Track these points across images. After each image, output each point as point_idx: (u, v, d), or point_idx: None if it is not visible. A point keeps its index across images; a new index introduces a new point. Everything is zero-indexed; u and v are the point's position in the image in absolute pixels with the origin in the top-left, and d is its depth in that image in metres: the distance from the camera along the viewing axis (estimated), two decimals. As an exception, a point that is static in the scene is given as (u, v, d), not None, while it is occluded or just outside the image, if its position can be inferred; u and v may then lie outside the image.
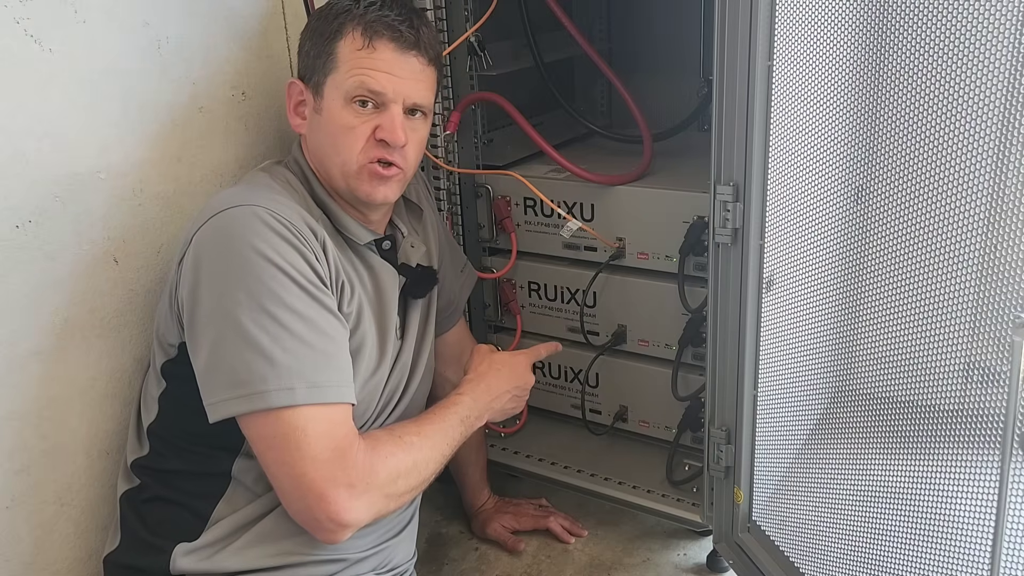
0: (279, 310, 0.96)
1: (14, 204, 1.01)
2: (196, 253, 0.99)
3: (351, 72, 1.05)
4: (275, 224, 0.99)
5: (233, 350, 0.95)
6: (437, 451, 1.09)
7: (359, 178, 1.08)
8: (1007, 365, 0.79)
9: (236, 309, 0.95)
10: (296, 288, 0.98)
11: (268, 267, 0.96)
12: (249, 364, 0.95)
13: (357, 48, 1.05)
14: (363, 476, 0.98)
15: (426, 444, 1.07)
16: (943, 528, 0.95)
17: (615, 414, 1.58)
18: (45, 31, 1.02)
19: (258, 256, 0.96)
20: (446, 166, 1.52)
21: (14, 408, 1.06)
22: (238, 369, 0.95)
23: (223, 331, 0.96)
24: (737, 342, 1.16)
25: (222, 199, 1.02)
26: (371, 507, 0.99)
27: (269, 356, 0.95)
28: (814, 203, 1.14)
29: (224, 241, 0.98)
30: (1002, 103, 0.85)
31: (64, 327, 1.09)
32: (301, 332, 0.96)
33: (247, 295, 0.95)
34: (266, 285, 0.96)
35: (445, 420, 1.12)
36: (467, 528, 1.55)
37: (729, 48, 1.04)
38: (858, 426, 1.17)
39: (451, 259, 1.37)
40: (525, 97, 1.57)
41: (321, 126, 1.08)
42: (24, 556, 1.10)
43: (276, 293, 0.96)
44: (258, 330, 0.95)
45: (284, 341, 0.95)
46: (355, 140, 1.06)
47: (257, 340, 0.94)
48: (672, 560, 1.45)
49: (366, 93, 1.05)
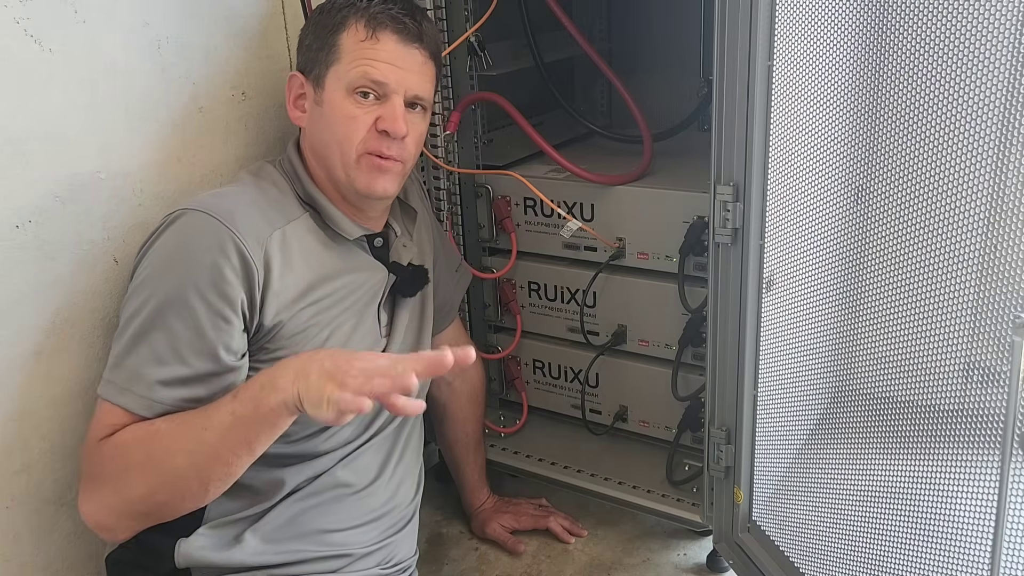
0: (159, 318, 0.97)
1: (14, 204, 1.01)
2: (146, 246, 1.03)
3: (354, 63, 1.06)
4: (208, 239, 0.99)
5: (117, 336, 1.00)
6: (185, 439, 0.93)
7: (358, 168, 1.08)
8: (1007, 365, 0.79)
9: (132, 301, 0.99)
10: (186, 310, 0.97)
11: (180, 282, 0.97)
12: (116, 352, 0.99)
13: (360, 39, 1.06)
14: (89, 471, 0.98)
15: (171, 430, 0.94)
16: (943, 528, 0.95)
17: (615, 414, 1.58)
18: (45, 31, 1.02)
19: (176, 263, 0.99)
20: (446, 166, 1.52)
21: (14, 408, 1.06)
22: (113, 353, 0.99)
23: (123, 317, 1.00)
24: (737, 342, 1.16)
25: (186, 202, 1.04)
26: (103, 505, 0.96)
27: (125, 353, 0.98)
28: (814, 203, 1.14)
29: (160, 238, 1.01)
30: (1002, 103, 0.85)
31: (64, 327, 1.09)
32: (160, 347, 0.97)
33: (147, 294, 0.98)
34: (166, 293, 0.97)
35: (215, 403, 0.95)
36: (467, 528, 1.55)
37: (729, 48, 1.04)
38: (858, 426, 1.17)
39: (446, 259, 1.37)
40: (525, 97, 1.57)
41: (321, 117, 1.09)
42: (24, 556, 1.10)
43: (171, 302, 0.97)
44: (136, 327, 0.98)
45: (140, 347, 0.97)
46: (356, 130, 1.07)
47: (130, 335, 0.98)
48: (672, 560, 1.45)
49: (369, 84, 1.06)
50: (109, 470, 0.95)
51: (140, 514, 0.96)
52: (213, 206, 1.01)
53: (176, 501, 0.96)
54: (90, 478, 0.98)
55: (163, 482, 0.94)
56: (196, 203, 1.02)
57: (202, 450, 0.92)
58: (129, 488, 0.94)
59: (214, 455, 0.93)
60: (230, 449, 0.92)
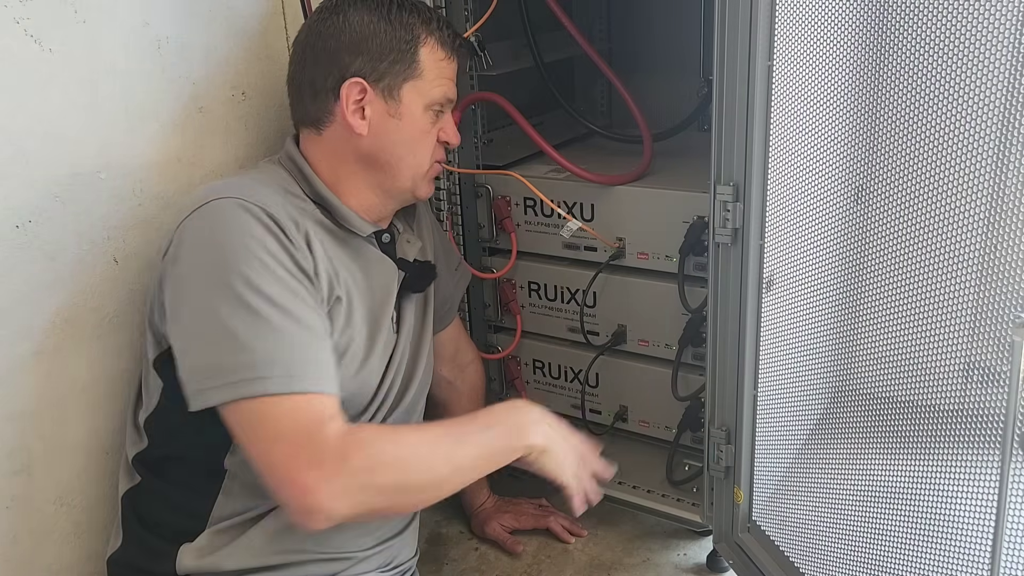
0: (257, 300, 0.95)
1: (14, 204, 1.01)
2: (178, 244, 0.99)
3: (436, 81, 1.11)
4: (257, 213, 0.99)
5: (212, 340, 0.95)
6: (441, 454, 1.00)
7: (426, 178, 1.16)
8: (1007, 365, 0.79)
9: (215, 299, 0.95)
10: (274, 278, 0.97)
11: (248, 257, 0.96)
12: (227, 353, 0.94)
13: (440, 58, 1.11)
14: (332, 458, 0.93)
15: (423, 440, 1.00)
16: (943, 528, 0.95)
17: (615, 414, 1.58)
18: (45, 31, 1.02)
19: (238, 246, 0.97)
20: (446, 166, 1.52)
21: (14, 408, 1.06)
22: (216, 358, 0.95)
23: (203, 321, 0.95)
24: (737, 342, 1.16)
25: (207, 191, 1.03)
26: (346, 495, 0.93)
27: (246, 345, 0.94)
28: (814, 203, 1.14)
29: (206, 232, 0.99)
30: (1002, 103, 0.85)
31: (64, 327, 1.09)
32: (278, 322, 0.95)
33: (227, 285, 0.95)
34: (245, 275, 0.95)
35: (460, 423, 1.06)
36: (467, 528, 1.55)
37: (729, 48, 1.04)
38: (858, 426, 1.17)
39: (445, 257, 1.38)
40: (525, 97, 1.56)
41: (397, 130, 1.10)
42: (24, 556, 1.10)
43: (254, 283, 0.95)
44: (236, 320, 0.94)
45: (261, 330, 0.94)
46: (430, 144, 1.14)
47: (235, 330, 0.94)
48: (672, 560, 1.45)
49: (446, 103, 1.14)
50: (356, 463, 0.94)
51: (372, 507, 0.97)
52: (245, 193, 1.01)
53: (413, 500, 1.02)
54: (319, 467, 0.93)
55: (416, 483, 0.99)
56: (224, 191, 1.01)
57: (453, 468, 1.01)
58: (382, 487, 0.96)
59: (464, 473, 1.03)
60: (475, 471, 1.04)
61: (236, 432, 0.97)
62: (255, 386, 0.93)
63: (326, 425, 0.95)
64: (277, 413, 0.94)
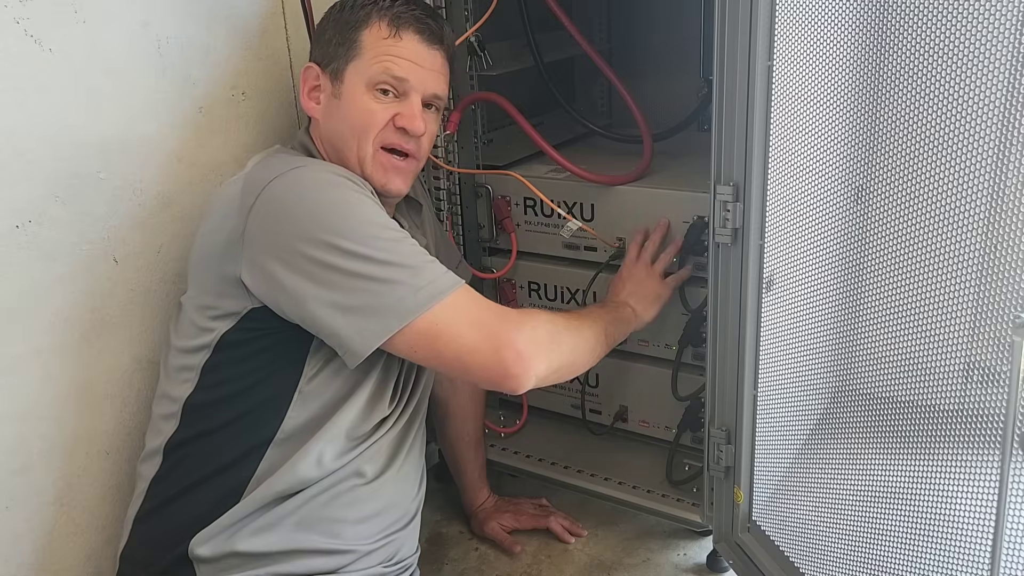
0: (383, 233, 1.01)
1: (14, 204, 1.01)
2: (268, 217, 1.00)
3: (376, 59, 1.08)
4: (337, 175, 1.04)
5: (363, 279, 0.99)
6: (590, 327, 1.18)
7: (374, 164, 1.11)
8: (1007, 365, 0.79)
9: (345, 243, 0.98)
10: (380, 214, 1.03)
11: (352, 202, 1.02)
12: (382, 287, 0.99)
13: (383, 37, 1.09)
14: (526, 325, 1.05)
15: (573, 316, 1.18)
16: (943, 528, 0.95)
17: (615, 414, 1.58)
18: (45, 31, 1.02)
19: (337, 197, 1.02)
20: (446, 166, 1.52)
21: (14, 408, 1.06)
22: (376, 296, 0.99)
23: (343, 269, 0.99)
24: (737, 342, 1.16)
25: (266, 170, 1.04)
26: (548, 352, 1.06)
27: (395, 272, 0.99)
28: (814, 203, 1.14)
29: (299, 199, 1.01)
30: (1002, 103, 0.85)
31: (64, 327, 1.09)
32: (407, 248, 1.02)
33: (352, 231, 0.99)
34: (360, 215, 1.01)
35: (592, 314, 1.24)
36: (467, 528, 1.55)
37: (729, 48, 1.04)
38: (858, 426, 1.17)
39: (446, 256, 1.38)
40: (525, 97, 1.57)
41: (338, 110, 1.11)
42: (24, 556, 1.10)
43: (375, 220, 1.02)
44: (371, 251, 0.99)
45: (399, 256, 1.00)
46: (374, 124, 1.10)
47: (377, 259, 0.99)
48: (672, 560, 1.45)
49: (390, 80, 1.09)
50: (545, 328, 1.08)
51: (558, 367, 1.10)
52: (304, 163, 1.06)
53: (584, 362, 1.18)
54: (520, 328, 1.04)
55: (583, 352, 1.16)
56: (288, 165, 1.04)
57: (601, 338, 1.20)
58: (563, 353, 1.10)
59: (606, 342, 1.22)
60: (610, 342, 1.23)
61: (420, 350, 1.02)
62: (427, 296, 1.00)
63: (497, 305, 1.07)
64: (458, 305, 1.02)
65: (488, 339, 1.02)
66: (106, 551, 1.18)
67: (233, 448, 1.07)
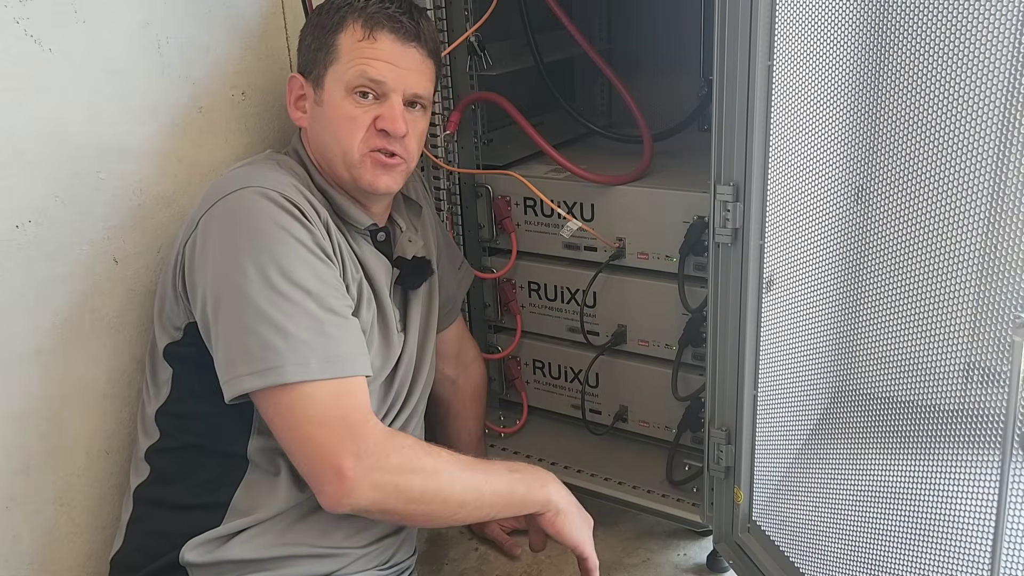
0: (288, 286, 0.97)
1: (14, 204, 1.01)
2: (205, 234, 1.01)
3: (352, 62, 1.07)
4: (282, 202, 1.01)
5: (246, 327, 0.96)
6: (469, 479, 1.05)
7: (362, 167, 1.09)
8: (1007, 365, 0.79)
9: (248, 286, 0.96)
10: (303, 263, 0.99)
11: (275, 244, 0.98)
12: (262, 340, 0.96)
13: (358, 39, 1.07)
14: (372, 451, 0.97)
15: (456, 461, 1.06)
16: (943, 528, 0.95)
17: (615, 414, 1.58)
18: (45, 31, 1.02)
19: (265, 234, 0.98)
20: (446, 166, 1.52)
21: (14, 408, 1.06)
22: (252, 346, 0.96)
23: (236, 309, 0.97)
24: (737, 342, 1.16)
25: (227, 181, 1.04)
26: (376, 488, 0.97)
27: (283, 331, 0.96)
28: (814, 203, 1.14)
29: (232, 222, 1.00)
30: (1002, 104, 0.85)
31: (64, 327, 1.09)
32: (312, 308, 0.98)
33: (258, 272, 0.97)
34: (276, 262, 0.97)
35: (487, 461, 1.12)
36: (467, 528, 1.55)
37: (729, 48, 1.04)
38: (858, 426, 1.17)
39: (448, 257, 1.38)
40: (525, 97, 1.57)
41: (322, 117, 1.10)
42: (24, 556, 1.10)
43: (285, 269, 0.98)
44: (270, 306, 0.96)
45: (296, 317, 0.97)
46: (356, 129, 1.08)
47: (270, 316, 0.96)
48: (672, 560, 1.45)
49: (367, 83, 1.07)
50: (395, 462, 0.99)
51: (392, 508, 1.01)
52: (263, 181, 1.02)
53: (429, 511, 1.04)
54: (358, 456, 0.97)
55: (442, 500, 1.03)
56: (244, 181, 1.02)
57: (477, 496, 1.05)
58: (411, 493, 1.00)
59: (482, 504, 1.07)
60: (492, 508, 1.09)
61: (272, 418, 0.98)
62: (295, 372, 0.95)
63: (368, 419, 0.99)
64: (318, 398, 0.97)
65: (330, 457, 0.96)
66: (106, 551, 1.18)
67: (210, 467, 1.07)
